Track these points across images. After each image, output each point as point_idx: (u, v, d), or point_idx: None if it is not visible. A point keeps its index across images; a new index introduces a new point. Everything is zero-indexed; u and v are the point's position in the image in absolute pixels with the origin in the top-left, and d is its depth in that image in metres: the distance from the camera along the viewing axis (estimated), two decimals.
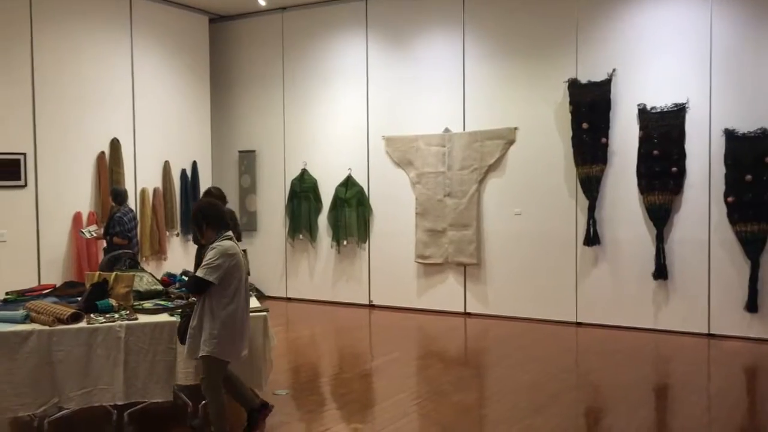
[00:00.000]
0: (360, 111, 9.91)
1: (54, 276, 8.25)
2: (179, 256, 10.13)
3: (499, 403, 5.78)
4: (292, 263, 10.45)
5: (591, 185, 8.32)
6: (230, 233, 4.70)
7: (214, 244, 4.59)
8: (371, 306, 9.92)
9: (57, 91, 8.57)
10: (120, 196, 8.25)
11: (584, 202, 8.41)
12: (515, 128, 8.84)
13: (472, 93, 9.11)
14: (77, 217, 8.73)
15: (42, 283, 7.95)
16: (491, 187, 9.03)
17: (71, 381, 4.83)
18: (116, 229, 7.90)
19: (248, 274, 4.90)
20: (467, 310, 9.27)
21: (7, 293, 5.82)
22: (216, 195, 6.88)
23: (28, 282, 7.42)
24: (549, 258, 8.69)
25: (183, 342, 4.69)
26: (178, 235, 10.19)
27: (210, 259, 4.51)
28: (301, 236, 10.35)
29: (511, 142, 8.88)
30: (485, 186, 9.06)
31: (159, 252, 9.80)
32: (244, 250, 5.45)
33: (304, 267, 10.44)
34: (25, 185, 8.22)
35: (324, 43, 10.19)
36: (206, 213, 4.67)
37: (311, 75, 10.29)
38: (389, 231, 9.75)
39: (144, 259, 9.56)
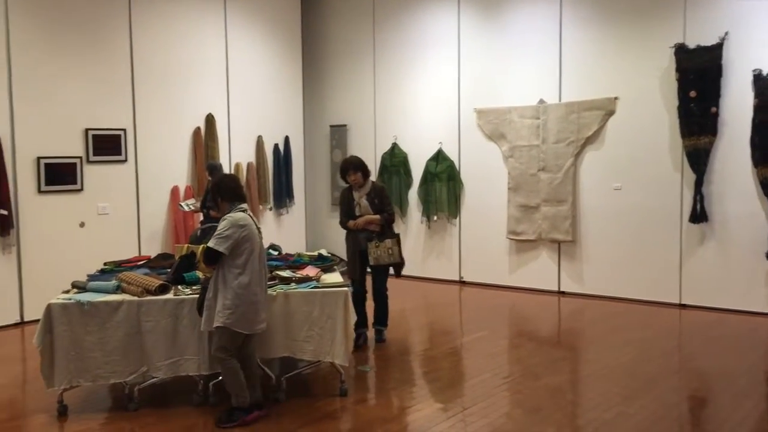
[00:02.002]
0: (451, 83, 9.66)
1: (154, 248, 8.55)
2: (272, 229, 10.28)
3: (591, 388, 5.50)
4: None
5: (699, 158, 7.75)
6: (245, 205, 4.79)
7: (226, 215, 4.68)
8: (461, 282, 9.73)
9: (154, 69, 8.81)
10: (215, 171, 8.41)
11: (691, 177, 7.86)
12: (615, 98, 8.34)
13: (569, 61, 8.66)
14: (175, 191, 8.99)
15: (142, 254, 8.25)
16: (589, 161, 8.59)
17: (159, 351, 4.95)
18: (212, 203, 8.04)
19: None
20: (561, 289, 8.92)
21: (105, 264, 6.04)
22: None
23: (130, 254, 7.70)
24: (651, 235, 8.20)
25: (201, 314, 4.74)
26: (271, 209, 10.34)
27: (221, 229, 4.61)
28: None
29: (610, 113, 8.40)
30: (582, 160, 8.63)
31: None
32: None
33: None
34: (126, 160, 8.53)
35: (415, 13, 9.97)
36: (220, 186, 4.80)
37: (402, 47, 10.11)
38: (480, 206, 9.50)
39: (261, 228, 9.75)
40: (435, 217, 9.83)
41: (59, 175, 7.92)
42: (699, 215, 7.79)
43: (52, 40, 7.86)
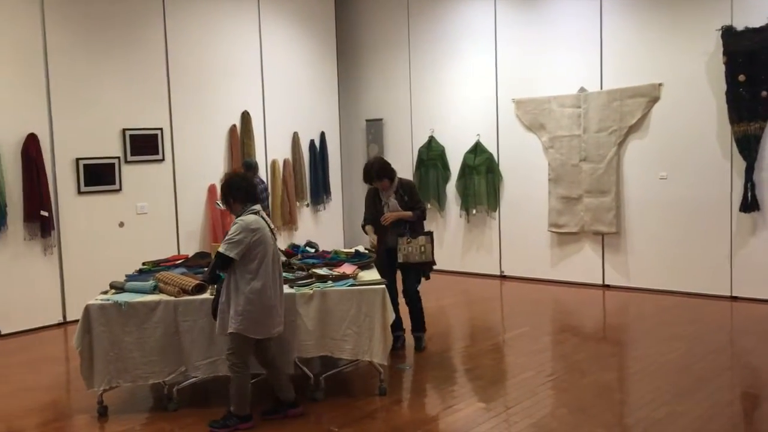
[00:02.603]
0: (488, 73, 9.46)
1: (192, 247, 8.57)
2: (310, 226, 10.24)
3: (639, 385, 5.30)
4: None
5: (749, 145, 7.44)
6: (257, 207, 4.62)
7: (236, 219, 4.55)
8: (502, 277, 9.55)
9: (190, 68, 8.81)
10: (251, 168, 8.38)
11: (741, 164, 7.55)
12: (660, 84, 8.06)
13: (611, 47, 8.39)
14: (212, 189, 8.98)
15: (181, 253, 8.27)
16: (632, 150, 8.33)
17: (197, 350, 4.92)
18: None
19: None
20: (605, 282, 8.68)
21: (143, 263, 6.04)
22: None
23: (169, 253, 7.72)
24: (699, 226, 7.91)
25: (215, 318, 4.64)
26: (308, 205, 10.29)
27: (231, 234, 4.47)
28: (429, 205, 10.11)
29: (654, 100, 8.12)
30: (625, 149, 8.37)
31: (290, 222, 9.95)
32: None
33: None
34: (163, 159, 8.55)
35: (450, 4, 9.79)
36: (232, 186, 4.62)
37: (437, 39, 9.95)
38: (520, 199, 9.30)
39: (275, 229, 9.71)
40: (474, 211, 9.66)
41: (98, 175, 7.98)
42: (750, 204, 7.47)
43: (89, 42, 7.91)
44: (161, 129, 8.53)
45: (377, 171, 6.06)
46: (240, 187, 4.63)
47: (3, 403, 5.30)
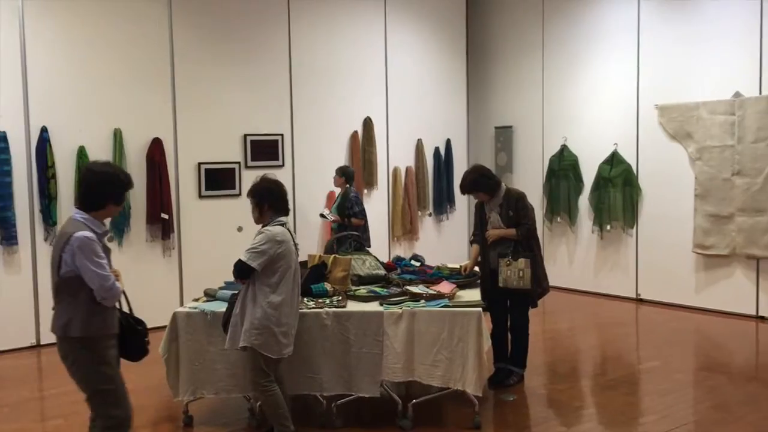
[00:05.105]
0: (629, 78, 8.63)
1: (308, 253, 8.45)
2: (432, 236, 9.87)
3: None
4: (550, 248, 9.55)
5: None
6: (285, 219, 4.36)
7: (263, 228, 4.28)
8: (639, 300, 8.66)
9: (312, 73, 8.75)
10: (353, 176, 8.10)
11: None
12: None
13: None
14: (331, 196, 8.84)
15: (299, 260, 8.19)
16: None
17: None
18: (354, 209, 7.76)
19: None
20: (759, 314, 7.59)
21: None
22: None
23: None
24: None
25: (225, 331, 4.37)
26: (430, 215, 9.93)
27: (256, 243, 4.22)
28: (559, 219, 9.43)
29: None
30: None
31: (411, 232, 9.64)
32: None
33: (562, 253, 9.50)
34: (283, 165, 8.53)
35: (589, 4, 9.06)
36: (272, 193, 4.38)
37: (573, 41, 9.25)
38: (661, 215, 8.38)
39: (395, 239, 9.48)
40: (608, 227, 8.85)
41: (219, 180, 8.09)
42: None
43: (213, 48, 8.03)
44: (282, 135, 8.52)
45: (469, 185, 5.50)
46: (280, 197, 4.41)
47: None
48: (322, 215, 8.16)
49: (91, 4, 7.31)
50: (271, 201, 4.38)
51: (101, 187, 3.54)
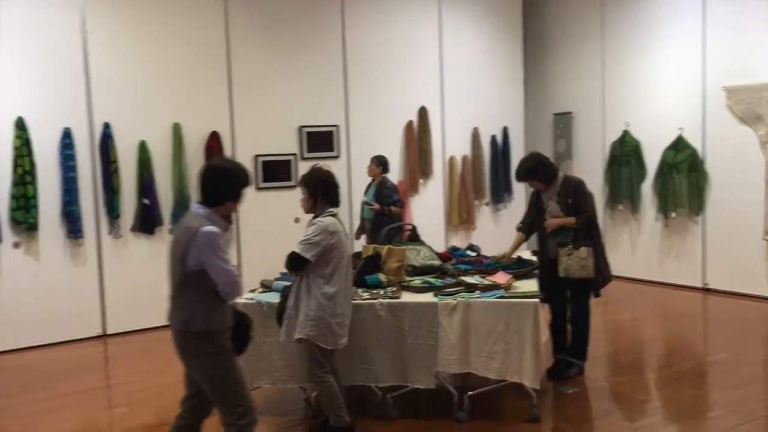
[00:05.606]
0: (694, 59, 8.30)
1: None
2: (489, 226, 9.74)
3: None
4: (611, 236, 9.28)
5: None
6: (335, 210, 4.33)
7: (314, 220, 4.26)
8: (706, 290, 8.35)
9: (366, 63, 8.72)
10: (388, 165, 7.96)
11: None
12: None
13: None
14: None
15: (354, 251, 8.20)
16: None
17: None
18: (394, 198, 7.68)
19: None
20: None
21: None
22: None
23: None
24: None
25: (279, 324, 4.37)
26: (487, 204, 9.79)
27: (309, 234, 4.20)
28: (621, 207, 9.17)
29: None
30: None
31: (467, 222, 9.53)
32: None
33: (625, 241, 9.24)
34: (338, 156, 8.55)
35: None
36: (327, 184, 4.35)
37: (635, 24, 8.94)
38: (730, 202, 8.05)
39: (452, 228, 9.40)
40: (673, 214, 8.55)
41: (275, 171, 8.16)
42: None
43: (269, 40, 8.09)
44: (337, 126, 8.53)
45: (525, 172, 5.41)
46: (334, 189, 4.40)
47: (160, 394, 5.47)
48: (366, 202, 8.07)
49: (150, 1, 7.46)
50: (325, 192, 4.38)
51: (219, 183, 3.55)
